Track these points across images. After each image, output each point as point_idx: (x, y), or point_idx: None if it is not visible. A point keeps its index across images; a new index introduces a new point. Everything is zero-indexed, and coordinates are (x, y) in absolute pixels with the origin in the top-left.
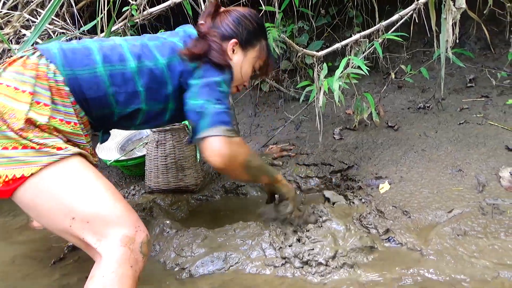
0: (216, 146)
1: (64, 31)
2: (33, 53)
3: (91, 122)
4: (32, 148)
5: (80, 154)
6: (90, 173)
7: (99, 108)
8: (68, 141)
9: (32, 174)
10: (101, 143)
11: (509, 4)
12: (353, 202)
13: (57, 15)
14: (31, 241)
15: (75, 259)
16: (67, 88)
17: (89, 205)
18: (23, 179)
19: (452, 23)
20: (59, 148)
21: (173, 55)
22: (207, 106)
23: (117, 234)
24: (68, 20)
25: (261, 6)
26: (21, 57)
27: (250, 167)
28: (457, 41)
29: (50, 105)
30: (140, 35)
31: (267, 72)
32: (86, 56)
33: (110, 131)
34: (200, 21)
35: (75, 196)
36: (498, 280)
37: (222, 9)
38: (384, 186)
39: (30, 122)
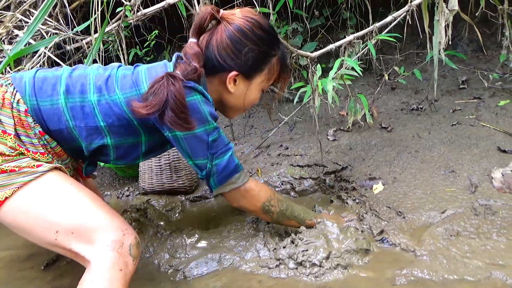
0: (234, 197)
1: (57, 31)
2: (7, 82)
3: (69, 154)
4: (3, 172)
5: (56, 168)
6: (67, 184)
7: (65, 141)
8: (39, 160)
9: (6, 198)
10: (85, 175)
11: (501, 7)
12: (347, 203)
13: (50, 16)
14: (22, 245)
15: (68, 261)
16: (29, 119)
17: (71, 216)
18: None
19: (445, 25)
20: (32, 167)
21: (132, 89)
22: (209, 165)
23: (105, 239)
24: (62, 21)
25: (255, 7)
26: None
27: (270, 211)
28: (450, 43)
29: (12, 134)
30: (134, 36)
31: (284, 86)
32: (52, 86)
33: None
34: (191, 39)
35: (55, 210)
36: (491, 280)
37: (221, 13)
38: (378, 187)
39: None
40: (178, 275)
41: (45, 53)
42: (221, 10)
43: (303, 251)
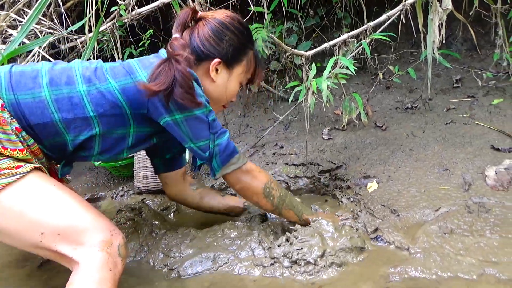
0: (237, 178)
1: (51, 31)
2: None
3: (46, 153)
4: None
5: (36, 168)
6: (51, 186)
7: (48, 135)
8: (19, 160)
9: None
10: (60, 176)
11: (494, 6)
12: (342, 201)
13: (44, 15)
14: None
15: None
16: (5, 114)
17: (57, 217)
18: None
19: (439, 24)
20: (11, 169)
21: (127, 77)
22: (211, 146)
23: (94, 240)
24: (56, 20)
25: (250, 6)
26: None
27: (271, 195)
28: (444, 42)
29: None
30: (128, 35)
31: (255, 82)
32: (32, 79)
33: (73, 163)
34: (174, 35)
35: (39, 211)
36: (484, 277)
37: (200, 14)
38: (372, 185)
39: None
40: (172, 274)
41: (39, 52)
42: (199, 12)
43: (297, 249)
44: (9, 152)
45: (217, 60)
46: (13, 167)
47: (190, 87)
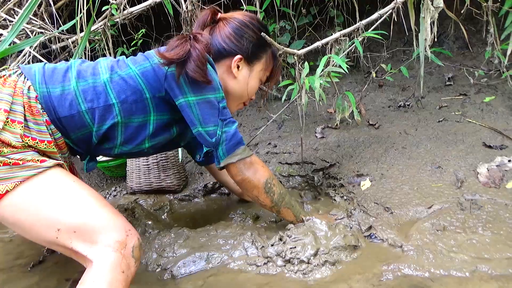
0: (240, 169)
1: (42, 30)
2: (15, 72)
3: (71, 147)
4: (6, 164)
5: (59, 165)
6: (71, 182)
7: (75, 128)
8: (43, 154)
9: (7, 191)
10: (87, 171)
11: (485, 4)
12: (335, 200)
13: (35, 15)
14: (8, 246)
15: (54, 261)
16: (39, 106)
17: (74, 214)
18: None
19: (430, 22)
20: (35, 162)
21: (145, 62)
22: (219, 132)
23: (108, 240)
24: (47, 20)
25: (242, 5)
26: (3, 75)
27: (272, 190)
28: (436, 40)
29: (22, 123)
30: (120, 34)
31: (273, 80)
32: (63, 74)
33: (97, 158)
34: (196, 31)
35: (57, 207)
36: (476, 274)
37: (220, 15)
38: (366, 184)
39: (3, 142)
40: (165, 274)
41: (30, 52)
42: (219, 13)
43: (291, 248)
44: (37, 143)
45: (238, 56)
46: (38, 160)
47: (203, 64)
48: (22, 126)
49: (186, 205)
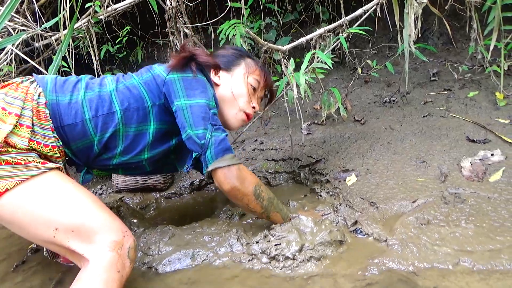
0: (228, 176)
1: (25, 28)
2: (28, 79)
3: (70, 157)
4: (8, 163)
5: (58, 168)
6: (69, 184)
7: (76, 138)
8: (45, 158)
9: (7, 190)
10: (82, 183)
11: (468, 0)
12: (321, 196)
13: (17, 12)
14: None
15: (38, 261)
16: (47, 111)
17: (72, 214)
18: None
19: (414, 18)
20: (37, 163)
21: (147, 73)
22: (208, 135)
23: (106, 240)
24: (30, 17)
25: (227, 2)
26: (16, 82)
27: (261, 197)
28: (421, 36)
29: (31, 127)
30: (105, 32)
31: (268, 83)
32: (74, 85)
33: (93, 171)
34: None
35: (57, 207)
36: (459, 266)
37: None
38: (351, 179)
39: (8, 144)
40: (151, 272)
41: (12, 50)
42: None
43: (276, 245)
44: (41, 147)
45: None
46: (39, 161)
47: (207, 54)
48: (30, 131)
49: (172, 203)
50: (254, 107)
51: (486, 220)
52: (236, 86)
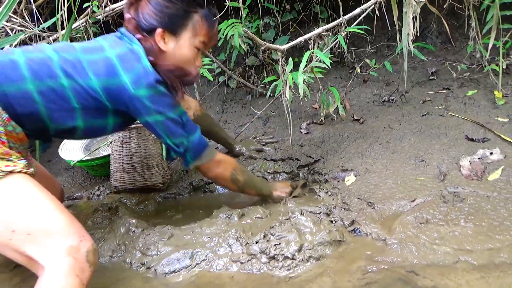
0: (209, 170)
1: (22, 28)
2: None
3: (28, 134)
4: None
5: (21, 172)
6: (30, 186)
7: (32, 122)
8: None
9: None
10: (43, 151)
11: None
12: (319, 195)
13: (15, 12)
14: None
15: None
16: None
17: (30, 217)
18: None
19: (413, 17)
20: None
21: (109, 77)
22: (185, 143)
23: (61, 245)
24: (27, 18)
25: (225, 2)
26: None
27: (237, 179)
28: (419, 35)
29: None
30: (103, 32)
31: (213, 43)
32: (13, 71)
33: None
34: (126, 15)
35: (15, 209)
36: (458, 265)
37: None
38: (350, 179)
39: None
40: (149, 272)
41: None
42: None
43: (275, 245)
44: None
45: (159, 30)
46: (3, 165)
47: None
48: None
49: (171, 203)
50: (197, 65)
51: (485, 219)
52: (181, 54)
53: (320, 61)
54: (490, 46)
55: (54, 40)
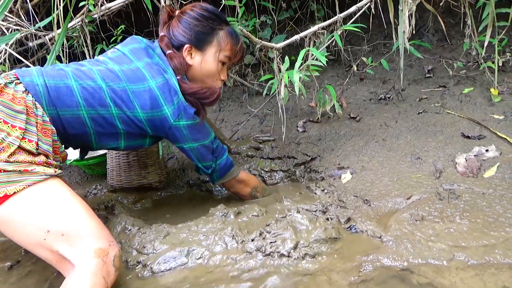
0: (231, 186)
1: (18, 27)
2: (16, 84)
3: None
4: (14, 171)
5: (57, 176)
6: (66, 192)
7: (79, 141)
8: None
9: (14, 193)
10: (81, 158)
11: None
12: (316, 193)
13: (10, 11)
14: None
15: (32, 261)
16: (51, 127)
17: (65, 219)
18: (5, 197)
19: (409, 15)
20: (43, 172)
21: (153, 109)
22: (213, 166)
23: (92, 246)
24: (23, 17)
25: (222, 0)
26: (5, 85)
27: (255, 196)
28: (415, 33)
29: (34, 141)
30: (100, 31)
31: (241, 57)
32: (69, 98)
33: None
34: (161, 33)
35: (52, 211)
36: (453, 262)
37: (176, 12)
38: (346, 176)
39: (16, 153)
40: (145, 271)
41: (6, 50)
42: (176, 10)
43: (271, 242)
44: (43, 159)
45: (186, 46)
46: (38, 171)
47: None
48: (34, 145)
49: (167, 201)
50: (222, 79)
51: (480, 215)
52: (206, 68)
53: (316, 59)
54: (486, 44)
55: (50, 40)
